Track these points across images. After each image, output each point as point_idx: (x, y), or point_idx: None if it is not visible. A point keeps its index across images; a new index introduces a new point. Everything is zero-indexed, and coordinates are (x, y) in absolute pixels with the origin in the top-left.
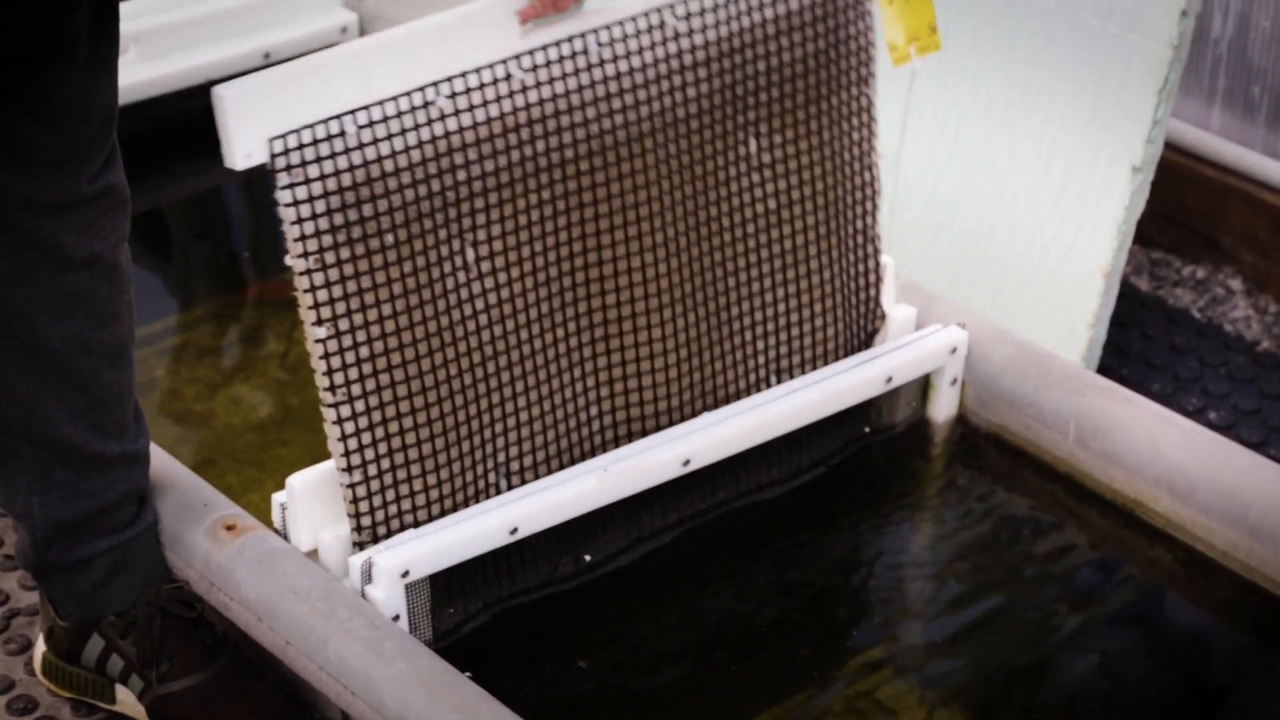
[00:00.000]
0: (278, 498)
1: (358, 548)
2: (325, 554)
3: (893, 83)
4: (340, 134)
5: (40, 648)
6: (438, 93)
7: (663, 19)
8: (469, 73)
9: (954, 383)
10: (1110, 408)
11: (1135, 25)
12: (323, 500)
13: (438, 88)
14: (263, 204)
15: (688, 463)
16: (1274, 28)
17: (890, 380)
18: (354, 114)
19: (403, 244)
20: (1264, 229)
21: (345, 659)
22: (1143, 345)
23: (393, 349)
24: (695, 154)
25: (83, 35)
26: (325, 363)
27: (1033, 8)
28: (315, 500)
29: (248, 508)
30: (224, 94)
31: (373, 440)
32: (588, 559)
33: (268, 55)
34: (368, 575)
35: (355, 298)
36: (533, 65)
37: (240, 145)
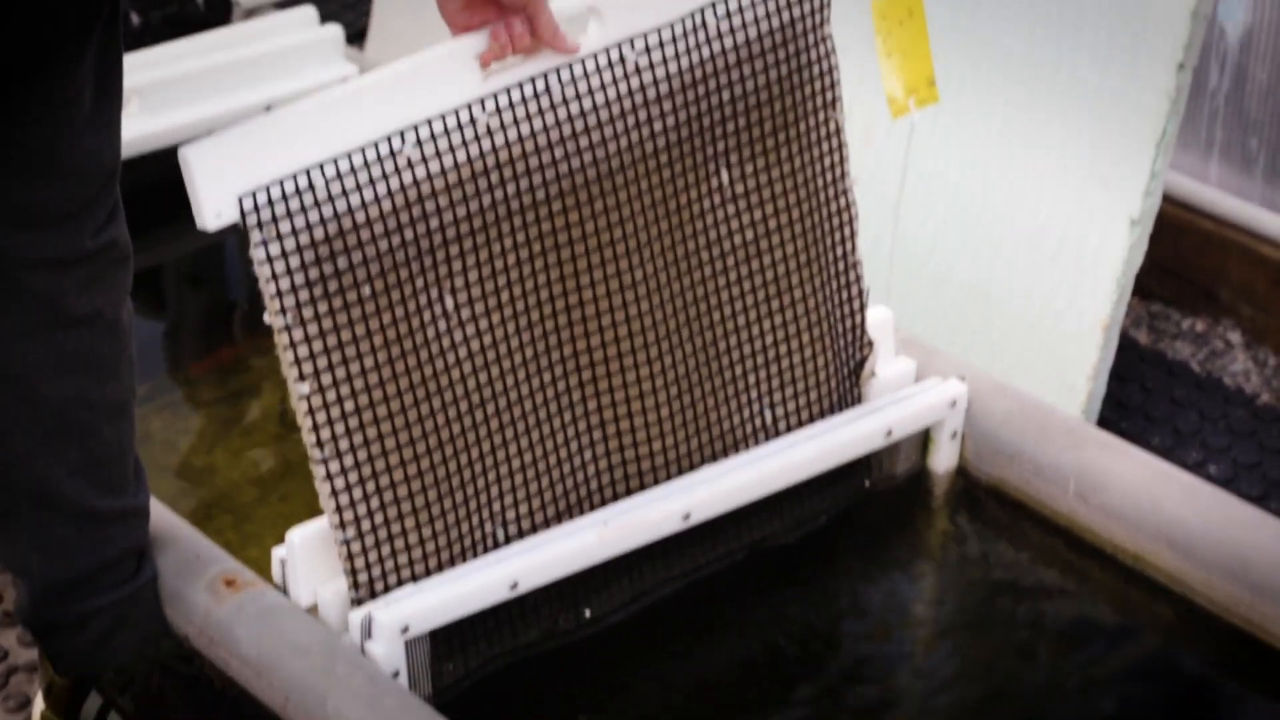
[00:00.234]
0: (277, 552)
1: (357, 604)
2: (325, 609)
3: (891, 136)
4: (309, 188)
5: (39, 705)
6: (404, 141)
7: (622, 54)
8: (434, 119)
9: (954, 436)
10: (1110, 462)
11: (1133, 78)
12: (322, 555)
13: (404, 136)
14: None
15: (688, 516)
16: (1270, 80)
17: (890, 433)
18: (321, 166)
19: (380, 295)
20: (1263, 282)
21: (344, 715)
22: (1142, 398)
23: (378, 402)
24: (668, 188)
25: (86, 90)
26: (310, 419)
27: (1030, 60)
28: (315, 555)
29: (248, 563)
30: (189, 154)
31: (364, 495)
32: (588, 614)
33: (270, 108)
34: (367, 631)
35: (336, 351)
36: (496, 108)
37: (209, 205)
